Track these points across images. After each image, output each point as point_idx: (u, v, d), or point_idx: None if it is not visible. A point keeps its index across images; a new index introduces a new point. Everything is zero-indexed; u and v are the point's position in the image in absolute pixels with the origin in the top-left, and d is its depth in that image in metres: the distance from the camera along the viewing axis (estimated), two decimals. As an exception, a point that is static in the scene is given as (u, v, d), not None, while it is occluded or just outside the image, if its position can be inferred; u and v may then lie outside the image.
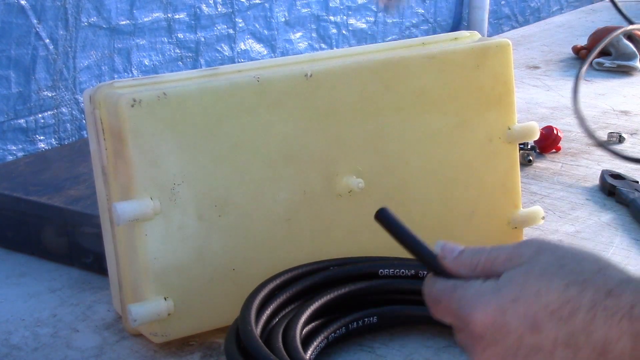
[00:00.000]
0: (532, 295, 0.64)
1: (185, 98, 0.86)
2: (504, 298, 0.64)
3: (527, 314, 0.63)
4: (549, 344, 0.63)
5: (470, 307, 0.66)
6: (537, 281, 0.64)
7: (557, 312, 0.63)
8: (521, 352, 0.64)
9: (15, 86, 1.46)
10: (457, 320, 0.67)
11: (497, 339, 0.64)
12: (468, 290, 0.67)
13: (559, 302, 0.63)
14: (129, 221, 0.84)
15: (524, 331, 0.63)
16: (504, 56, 1.02)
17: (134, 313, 0.86)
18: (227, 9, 1.84)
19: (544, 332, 0.63)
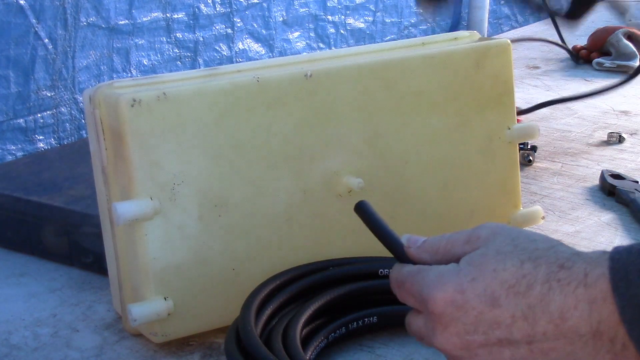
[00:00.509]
0: (490, 274, 0.66)
1: (185, 98, 0.86)
2: (462, 278, 0.67)
3: (485, 291, 0.66)
4: (507, 318, 0.65)
5: (431, 288, 0.68)
6: (493, 261, 0.67)
7: (514, 287, 0.65)
8: (480, 328, 0.66)
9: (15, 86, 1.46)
10: (418, 302, 0.70)
11: (457, 317, 0.67)
12: (430, 273, 0.69)
13: (515, 277, 0.65)
14: (128, 221, 0.84)
15: (483, 308, 0.66)
16: (504, 56, 1.03)
17: (134, 313, 0.86)
18: (225, 8, 1.84)
19: (502, 307, 0.65)
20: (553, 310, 0.64)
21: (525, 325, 0.65)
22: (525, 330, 0.65)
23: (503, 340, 0.66)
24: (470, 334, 0.67)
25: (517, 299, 0.65)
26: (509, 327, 0.65)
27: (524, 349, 0.65)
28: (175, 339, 0.90)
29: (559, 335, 0.64)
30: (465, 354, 0.68)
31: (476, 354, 0.67)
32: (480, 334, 0.66)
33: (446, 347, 0.68)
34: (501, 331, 0.66)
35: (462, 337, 0.67)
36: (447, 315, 0.67)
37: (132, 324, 0.86)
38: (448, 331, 0.68)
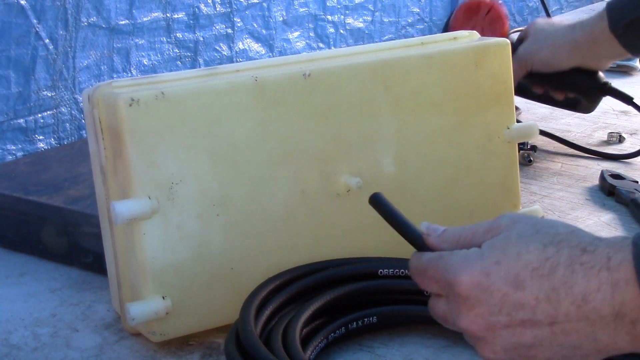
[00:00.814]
0: (513, 257, 0.68)
1: (183, 98, 0.86)
2: (487, 261, 0.68)
3: (509, 274, 0.67)
4: (531, 300, 0.67)
5: (456, 271, 0.69)
6: (516, 245, 0.68)
7: (537, 270, 0.67)
8: (505, 310, 0.67)
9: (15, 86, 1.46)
10: (443, 286, 0.71)
11: (482, 299, 0.68)
12: (453, 257, 0.71)
13: (539, 260, 0.67)
14: (127, 220, 0.84)
15: (507, 290, 0.67)
16: (503, 56, 1.03)
17: (132, 312, 0.86)
18: (225, 8, 1.84)
19: (526, 289, 0.67)
20: (576, 292, 0.65)
21: (548, 307, 0.66)
22: (549, 312, 0.66)
23: (526, 321, 0.67)
24: (495, 315, 0.68)
25: (541, 281, 0.66)
26: (533, 309, 0.67)
27: (546, 330, 0.67)
28: (173, 338, 0.90)
29: (581, 316, 0.65)
30: (488, 335, 0.69)
31: (500, 335, 0.68)
32: (504, 315, 0.68)
33: (471, 328, 0.69)
34: (525, 312, 0.67)
35: (487, 319, 0.68)
36: (473, 297, 0.68)
37: (130, 323, 0.87)
38: (473, 312, 0.69)
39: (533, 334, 0.67)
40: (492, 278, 0.68)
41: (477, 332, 0.69)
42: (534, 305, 0.67)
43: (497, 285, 0.68)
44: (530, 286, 0.67)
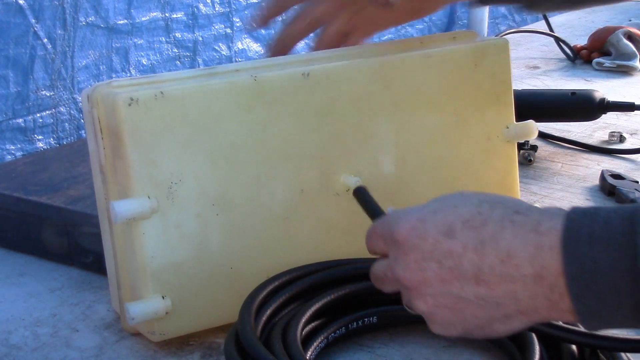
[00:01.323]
0: (450, 208, 0.73)
1: (182, 97, 0.86)
2: (425, 210, 0.74)
3: (443, 223, 0.72)
4: (459, 249, 0.70)
5: (397, 220, 0.74)
6: (455, 199, 0.74)
7: (469, 221, 0.71)
8: (435, 256, 0.71)
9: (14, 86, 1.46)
10: (386, 239, 0.76)
11: (416, 244, 0.72)
12: (397, 212, 0.77)
13: (472, 214, 0.71)
14: (126, 220, 0.84)
15: (439, 237, 0.71)
16: (502, 55, 1.03)
17: (131, 311, 0.86)
18: (224, 8, 1.84)
19: (456, 238, 0.70)
20: (502, 247, 0.68)
21: (474, 257, 0.70)
22: (474, 262, 0.70)
23: (454, 270, 0.70)
24: (427, 260, 0.72)
25: (470, 232, 0.70)
26: (460, 258, 0.70)
27: (472, 282, 0.70)
28: (173, 337, 0.90)
29: (503, 272, 0.68)
30: (421, 284, 0.72)
31: (430, 284, 0.72)
32: (435, 262, 0.71)
33: (405, 275, 0.73)
34: (453, 260, 0.70)
35: (420, 264, 0.72)
36: (409, 242, 0.73)
37: (130, 323, 0.87)
38: (408, 258, 0.73)
39: (460, 285, 0.70)
40: (426, 225, 0.72)
41: (411, 279, 0.73)
42: (461, 254, 0.70)
43: (431, 232, 0.72)
44: (460, 236, 0.70)
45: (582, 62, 2.08)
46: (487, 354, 0.88)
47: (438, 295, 0.72)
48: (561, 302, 0.67)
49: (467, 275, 0.70)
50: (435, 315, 0.74)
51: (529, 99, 1.45)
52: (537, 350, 0.81)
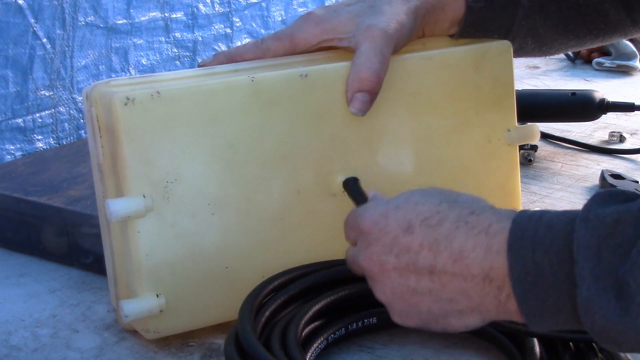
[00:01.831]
0: (411, 206, 0.76)
1: (179, 97, 0.86)
2: (389, 205, 0.77)
3: (404, 219, 0.75)
4: (416, 245, 0.74)
5: (364, 213, 0.79)
6: (418, 197, 0.77)
7: (427, 220, 0.74)
8: (394, 250, 0.75)
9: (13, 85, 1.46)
10: (354, 228, 0.80)
11: (378, 237, 0.76)
12: (367, 205, 0.81)
13: (430, 212, 0.74)
14: (121, 218, 0.85)
15: (399, 232, 0.75)
16: (504, 58, 1.02)
17: (125, 309, 0.86)
18: (224, 8, 1.84)
19: (414, 235, 0.74)
20: (455, 247, 0.72)
21: (429, 255, 0.73)
22: (429, 260, 0.73)
23: (410, 264, 0.74)
24: (386, 254, 0.75)
25: (427, 230, 0.74)
26: (417, 254, 0.74)
27: (427, 278, 0.73)
28: (167, 335, 0.90)
29: (455, 271, 0.72)
30: (380, 275, 0.76)
31: (389, 276, 0.76)
32: (394, 256, 0.75)
33: (367, 265, 0.77)
34: (409, 256, 0.74)
35: (380, 257, 0.76)
36: (371, 235, 0.77)
37: (124, 320, 0.87)
38: (369, 250, 0.77)
39: (416, 279, 0.74)
40: (389, 220, 0.76)
41: (372, 269, 0.77)
42: (418, 250, 0.74)
43: (391, 227, 0.75)
44: (417, 233, 0.74)
45: (582, 62, 2.09)
46: (487, 355, 0.88)
47: (396, 286, 0.76)
48: (508, 303, 0.70)
49: (422, 271, 0.74)
50: (394, 305, 0.77)
51: (529, 99, 1.45)
52: (537, 351, 0.81)
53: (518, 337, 0.84)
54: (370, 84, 0.92)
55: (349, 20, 0.96)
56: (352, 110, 0.92)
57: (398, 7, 0.96)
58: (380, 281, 0.77)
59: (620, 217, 0.65)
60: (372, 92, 0.92)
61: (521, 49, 1.06)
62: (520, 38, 1.04)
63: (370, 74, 0.92)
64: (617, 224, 0.65)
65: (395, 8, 0.96)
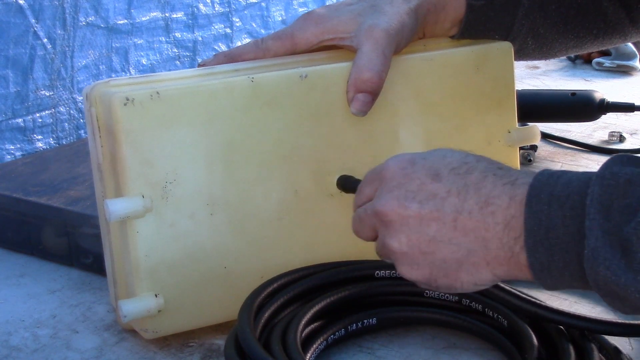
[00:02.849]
0: (439, 157, 0.77)
1: (178, 97, 0.86)
2: (416, 155, 0.78)
3: (432, 167, 0.76)
4: (444, 192, 0.75)
5: (388, 161, 0.79)
6: (445, 151, 0.78)
7: (456, 169, 0.75)
8: (418, 197, 0.75)
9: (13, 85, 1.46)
10: (374, 180, 0.80)
11: (402, 183, 0.77)
12: (393, 156, 0.80)
13: (459, 162, 0.76)
14: (120, 218, 0.85)
15: (425, 179, 0.76)
16: (505, 59, 1.02)
17: (124, 309, 0.86)
18: (224, 8, 1.84)
19: (442, 182, 0.75)
20: (482, 194, 0.73)
21: (456, 201, 0.74)
22: (455, 206, 0.74)
23: (434, 211, 0.74)
24: (409, 200, 0.75)
25: (456, 178, 0.75)
26: (443, 200, 0.74)
27: (449, 225, 0.74)
28: (166, 335, 0.90)
29: (480, 217, 0.73)
30: (397, 220, 0.76)
31: (407, 223, 0.75)
32: (417, 203, 0.75)
33: (385, 209, 0.76)
34: (435, 202, 0.74)
35: (401, 202, 0.76)
36: (395, 180, 0.77)
37: (122, 320, 0.87)
38: (391, 194, 0.76)
39: (437, 227, 0.74)
40: (415, 167, 0.77)
41: (390, 215, 0.76)
42: (445, 197, 0.74)
43: (418, 173, 0.76)
44: (446, 180, 0.75)
45: (582, 62, 2.09)
46: (487, 355, 0.88)
47: (413, 234, 0.75)
48: (520, 255, 0.71)
49: (446, 219, 0.74)
50: (406, 256, 0.76)
51: (529, 99, 1.45)
52: (537, 351, 0.81)
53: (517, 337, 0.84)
54: (372, 85, 0.92)
55: (350, 20, 0.96)
56: (352, 111, 0.92)
57: (399, 6, 0.96)
58: (396, 228, 0.76)
59: (632, 179, 0.67)
60: (374, 93, 0.93)
61: (522, 50, 1.06)
62: (521, 38, 1.04)
63: (372, 75, 0.92)
64: (629, 184, 0.67)
65: (397, 7, 0.96)
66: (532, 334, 0.83)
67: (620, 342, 0.85)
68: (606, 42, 1.11)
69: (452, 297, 0.90)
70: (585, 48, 1.11)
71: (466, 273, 0.75)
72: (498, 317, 0.87)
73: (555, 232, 0.69)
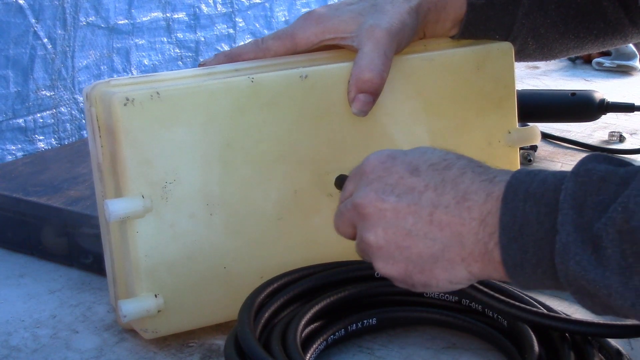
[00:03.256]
0: (419, 154, 0.78)
1: (178, 97, 0.86)
2: (397, 151, 0.79)
3: (411, 163, 0.77)
4: (421, 186, 0.75)
5: (370, 156, 0.80)
6: (425, 148, 0.79)
7: (435, 164, 0.76)
8: (397, 190, 0.76)
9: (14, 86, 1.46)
10: (355, 175, 0.81)
11: (381, 176, 0.78)
12: (374, 152, 0.81)
13: (438, 159, 0.77)
14: (119, 218, 0.85)
15: (404, 173, 0.77)
16: (506, 59, 1.02)
17: (124, 309, 0.86)
18: (226, 8, 1.84)
19: (420, 176, 0.76)
20: (460, 189, 0.74)
21: (433, 195, 0.74)
22: (432, 200, 0.74)
23: (411, 205, 0.75)
24: (387, 193, 0.76)
25: (434, 173, 0.76)
26: (420, 194, 0.75)
27: (425, 219, 0.74)
28: (165, 335, 0.90)
29: (456, 212, 0.73)
30: (374, 213, 0.77)
31: (384, 215, 0.76)
32: (395, 196, 0.76)
33: (363, 201, 0.77)
34: (412, 196, 0.75)
35: (379, 195, 0.77)
36: (374, 173, 0.78)
37: (122, 320, 0.87)
38: (370, 187, 0.77)
39: (413, 221, 0.75)
40: (395, 162, 0.78)
41: (367, 207, 0.77)
42: (422, 191, 0.75)
43: (398, 167, 0.77)
44: (424, 175, 0.76)
45: (582, 62, 2.09)
46: (487, 355, 0.88)
47: (389, 228, 0.76)
48: (494, 251, 0.71)
49: (422, 213, 0.75)
50: (382, 249, 0.77)
51: (529, 99, 1.45)
52: (537, 351, 0.81)
53: (517, 338, 0.84)
54: (373, 86, 0.92)
55: (351, 20, 0.96)
56: (353, 111, 0.92)
57: (400, 5, 0.96)
58: (373, 222, 0.77)
59: (606, 176, 0.67)
60: (375, 94, 0.93)
61: (523, 50, 1.06)
62: (522, 38, 1.04)
63: (373, 76, 0.92)
64: (602, 181, 0.67)
65: (398, 7, 0.96)
66: (532, 334, 0.83)
67: (621, 342, 0.85)
68: (607, 42, 1.11)
69: (452, 298, 0.90)
70: (586, 49, 1.11)
71: (442, 269, 0.75)
72: (498, 318, 0.87)
73: (530, 228, 0.69)
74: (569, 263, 0.66)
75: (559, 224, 0.67)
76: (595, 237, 0.66)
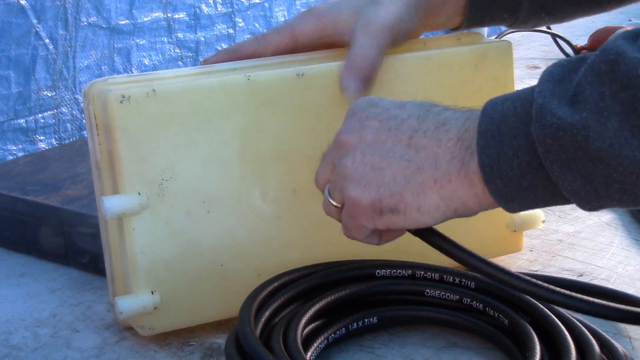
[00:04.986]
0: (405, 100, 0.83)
1: (174, 95, 0.86)
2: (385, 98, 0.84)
3: (399, 101, 0.82)
4: (405, 115, 0.80)
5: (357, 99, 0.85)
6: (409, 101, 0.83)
7: (421, 104, 0.81)
8: (380, 117, 0.80)
9: (15, 86, 1.46)
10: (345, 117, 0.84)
11: (367, 108, 0.82)
12: None
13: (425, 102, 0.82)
14: (116, 215, 0.85)
15: (390, 106, 0.81)
16: (505, 58, 1.02)
17: (120, 306, 0.86)
18: (227, 8, 1.84)
19: (405, 109, 0.80)
20: (441, 118, 0.78)
21: (415, 122, 0.79)
22: (413, 126, 0.78)
23: (392, 129, 0.79)
24: (370, 119, 0.80)
25: (420, 108, 0.80)
26: (403, 121, 0.79)
27: (404, 142, 0.78)
28: (163, 332, 0.90)
29: (433, 135, 0.77)
30: (356, 145, 0.80)
31: (365, 141, 0.80)
32: (377, 122, 0.80)
33: (346, 136, 0.81)
34: (394, 122, 0.79)
35: (362, 122, 0.81)
36: (361, 108, 0.82)
37: (119, 317, 0.87)
38: (354, 117, 0.82)
39: (392, 144, 0.78)
40: (383, 100, 0.83)
41: (350, 139, 0.81)
42: (405, 118, 0.79)
43: (385, 102, 0.82)
44: (409, 108, 0.80)
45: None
46: (487, 355, 0.88)
47: (367, 151, 0.79)
48: (470, 162, 0.74)
49: (401, 137, 0.78)
50: (357, 172, 0.79)
51: None
52: (538, 350, 0.81)
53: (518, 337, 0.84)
54: (364, 72, 0.92)
55: (350, 15, 0.96)
56: (345, 98, 0.93)
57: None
58: (352, 148, 0.80)
59: (585, 56, 0.70)
60: (366, 80, 0.93)
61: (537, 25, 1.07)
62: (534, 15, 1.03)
63: (364, 61, 0.92)
64: (581, 60, 0.70)
65: (395, 0, 0.96)
66: (534, 333, 0.83)
67: (621, 342, 0.85)
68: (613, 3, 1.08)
69: (453, 297, 0.90)
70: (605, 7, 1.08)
71: (411, 193, 0.77)
72: (499, 316, 0.87)
73: (507, 123, 0.72)
74: (546, 118, 0.68)
75: (535, 93, 0.70)
76: (574, 87, 0.68)
